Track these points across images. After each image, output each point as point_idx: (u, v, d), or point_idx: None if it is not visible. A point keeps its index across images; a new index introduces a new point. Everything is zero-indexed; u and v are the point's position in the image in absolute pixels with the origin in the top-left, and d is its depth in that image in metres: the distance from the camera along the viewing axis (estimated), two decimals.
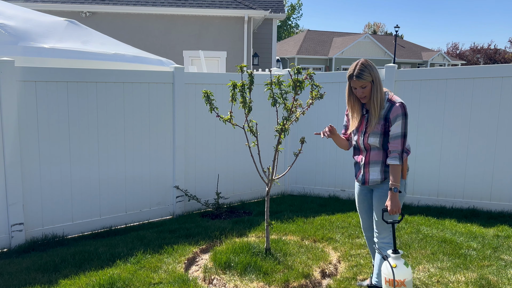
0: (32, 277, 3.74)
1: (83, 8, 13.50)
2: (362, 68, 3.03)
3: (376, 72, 3.05)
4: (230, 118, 4.06)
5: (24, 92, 4.55)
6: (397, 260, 2.94)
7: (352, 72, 3.06)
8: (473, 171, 5.72)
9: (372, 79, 3.04)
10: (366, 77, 3.02)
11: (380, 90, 3.05)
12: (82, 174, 4.99)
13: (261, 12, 14.51)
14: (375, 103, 3.05)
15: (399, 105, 3.04)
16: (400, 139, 3.03)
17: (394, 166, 3.04)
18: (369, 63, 3.07)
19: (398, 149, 3.03)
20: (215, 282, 3.70)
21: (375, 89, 3.05)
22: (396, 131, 3.03)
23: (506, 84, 5.49)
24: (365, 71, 3.02)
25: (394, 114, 3.02)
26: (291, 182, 6.90)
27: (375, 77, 3.04)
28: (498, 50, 49.28)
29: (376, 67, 3.12)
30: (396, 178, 3.02)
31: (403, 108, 3.04)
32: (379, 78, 3.07)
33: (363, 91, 3.07)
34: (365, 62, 3.06)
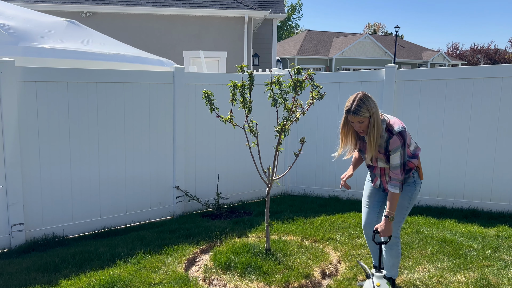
0: (32, 277, 3.74)
1: (83, 9, 13.50)
2: (359, 104, 2.97)
3: (374, 107, 3.00)
4: (230, 118, 4.06)
5: (25, 92, 4.55)
6: (381, 279, 2.99)
7: (349, 107, 3.00)
8: (473, 171, 5.72)
9: (370, 114, 2.98)
10: (363, 113, 2.97)
11: (377, 125, 3.00)
12: (82, 174, 4.99)
13: (261, 12, 14.51)
14: (371, 139, 3.02)
15: (397, 136, 3.02)
16: (399, 169, 3.06)
17: (392, 193, 3.07)
18: (367, 98, 3.00)
19: (399, 177, 3.06)
20: (215, 282, 3.70)
21: (372, 125, 3.00)
22: (395, 161, 3.05)
23: (507, 84, 5.49)
24: (363, 107, 2.96)
25: (393, 146, 3.02)
26: (291, 182, 6.90)
27: (372, 112, 2.97)
28: (498, 50, 49.28)
29: (374, 100, 3.05)
30: (393, 206, 3.05)
31: (401, 138, 3.02)
32: (377, 112, 3.01)
33: (360, 125, 3.03)
34: (363, 97, 3.00)
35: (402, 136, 3.02)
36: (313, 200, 6.42)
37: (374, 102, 3.01)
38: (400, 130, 3.02)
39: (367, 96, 3.01)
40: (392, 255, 3.33)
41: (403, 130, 3.04)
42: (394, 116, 5.92)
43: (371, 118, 2.98)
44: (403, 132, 3.03)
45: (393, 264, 3.38)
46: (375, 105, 3.00)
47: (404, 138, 3.02)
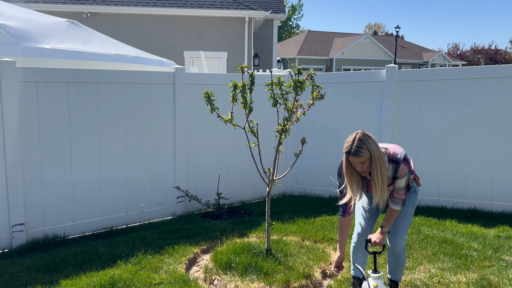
0: (33, 278, 3.74)
1: (84, 9, 13.51)
2: (359, 145, 2.84)
3: (375, 147, 2.87)
4: (231, 118, 4.06)
5: (25, 93, 4.55)
6: (378, 280, 2.99)
7: (349, 149, 2.87)
8: (473, 171, 5.71)
9: (371, 155, 2.86)
10: (364, 154, 2.84)
11: (380, 164, 2.88)
12: (83, 175, 4.99)
13: (262, 13, 14.51)
14: (376, 181, 2.91)
15: (404, 164, 3.00)
16: (404, 190, 3.09)
17: (394, 210, 3.12)
18: (367, 137, 2.87)
19: (402, 197, 3.11)
20: (216, 282, 3.70)
21: (374, 165, 2.88)
22: (401, 184, 3.06)
23: (507, 85, 5.49)
24: (363, 148, 2.84)
25: (402, 173, 3.02)
26: (291, 183, 6.90)
27: (373, 152, 2.85)
28: (499, 51, 49.26)
29: (374, 138, 2.91)
30: (391, 221, 3.12)
31: (408, 164, 3.04)
32: (378, 151, 2.88)
33: (362, 166, 2.91)
34: (362, 137, 2.87)
35: (408, 162, 3.04)
36: (313, 201, 6.41)
37: (374, 140, 2.90)
38: (404, 157, 3.03)
39: (366, 135, 2.88)
40: (400, 262, 3.33)
41: (405, 155, 3.05)
42: (393, 118, 5.96)
43: (372, 158, 2.87)
44: (407, 157, 3.06)
45: (398, 270, 3.39)
46: (375, 143, 2.88)
47: (409, 163, 3.06)
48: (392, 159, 3.00)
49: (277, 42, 17.55)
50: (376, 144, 2.89)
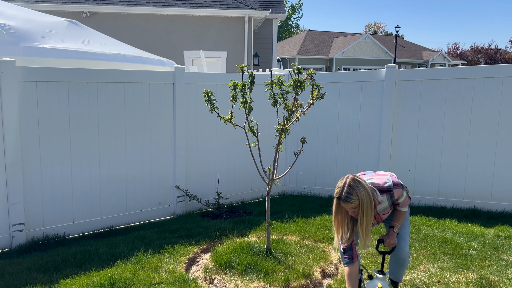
0: (33, 277, 3.74)
1: (84, 8, 13.51)
2: (349, 191, 2.83)
3: (364, 193, 2.83)
4: (231, 118, 4.06)
5: (25, 92, 4.55)
6: (383, 281, 3.00)
7: (339, 195, 2.86)
8: (473, 171, 5.72)
9: (359, 202, 2.84)
10: (353, 201, 2.83)
11: (366, 212, 2.86)
12: (83, 174, 4.99)
13: (262, 12, 14.50)
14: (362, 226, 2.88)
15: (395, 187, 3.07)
16: (407, 200, 3.17)
17: (402, 212, 3.19)
18: (357, 183, 2.85)
19: (407, 204, 3.21)
20: (215, 282, 3.70)
21: (361, 212, 2.86)
22: (403, 199, 3.14)
23: (507, 84, 5.49)
24: (353, 194, 2.82)
25: (399, 194, 3.09)
26: (291, 182, 6.90)
27: (362, 200, 2.83)
28: (498, 50, 49.25)
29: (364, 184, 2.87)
30: (400, 220, 3.18)
31: (398, 185, 3.09)
32: (367, 197, 2.85)
33: (353, 211, 2.90)
34: (352, 182, 2.85)
35: (397, 183, 3.09)
36: (313, 200, 6.42)
37: (363, 184, 2.87)
38: (393, 181, 3.09)
39: (356, 181, 2.86)
40: (404, 266, 3.35)
41: (392, 178, 3.12)
42: (393, 118, 5.96)
43: (361, 205, 2.85)
44: (394, 180, 3.11)
45: (400, 273, 3.40)
46: (365, 188, 2.86)
47: (399, 182, 3.11)
48: (383, 190, 3.05)
49: (277, 41, 17.55)
50: (365, 189, 2.86)
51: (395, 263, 3.35)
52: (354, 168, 6.37)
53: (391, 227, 3.15)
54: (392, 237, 3.12)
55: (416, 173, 5.98)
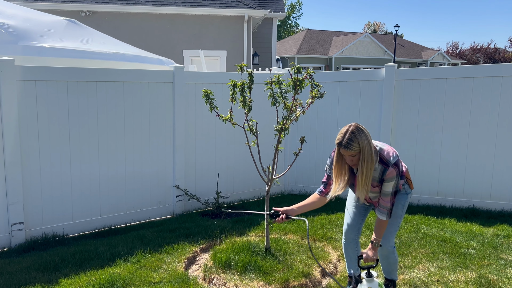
0: (32, 277, 3.74)
1: (83, 8, 13.49)
2: (351, 138, 2.81)
3: (366, 142, 2.82)
4: (230, 117, 4.06)
5: (24, 92, 4.55)
6: (371, 283, 2.97)
7: (340, 141, 2.85)
8: (472, 170, 5.72)
9: (360, 149, 2.83)
10: (354, 148, 2.82)
11: (367, 160, 2.84)
12: (82, 174, 4.99)
13: (261, 12, 14.50)
14: (361, 177, 2.88)
15: (393, 168, 2.92)
16: (389, 197, 3.00)
17: (381, 221, 3.03)
18: (359, 131, 2.84)
19: (388, 205, 3.01)
20: (215, 281, 3.71)
21: (361, 160, 2.84)
22: (388, 189, 2.98)
23: (506, 83, 5.49)
24: (354, 141, 2.81)
25: (389, 177, 2.94)
26: (291, 181, 6.90)
27: (363, 147, 2.81)
28: (498, 50, 49.26)
29: (367, 133, 2.87)
30: (380, 233, 3.02)
31: (397, 169, 2.94)
32: (369, 146, 2.84)
33: (352, 159, 2.89)
34: (355, 130, 2.83)
35: (397, 166, 2.95)
36: None
37: (366, 134, 2.86)
38: (396, 160, 2.95)
39: (360, 129, 2.85)
40: (390, 262, 3.30)
41: (397, 159, 2.96)
42: (392, 117, 5.96)
43: (362, 153, 2.83)
44: (398, 162, 2.96)
45: (391, 270, 3.36)
46: (367, 138, 2.84)
47: (399, 167, 2.97)
48: (382, 160, 2.95)
49: (276, 41, 17.54)
50: (367, 139, 2.84)
51: (382, 260, 3.33)
52: None
53: (371, 242, 3.03)
54: (370, 252, 2.99)
55: (415, 172, 5.98)
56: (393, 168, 2.92)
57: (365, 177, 2.87)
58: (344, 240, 3.42)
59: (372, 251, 3.00)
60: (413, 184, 3.24)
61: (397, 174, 2.95)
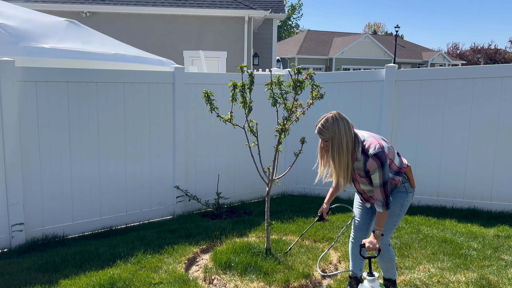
0: (32, 277, 3.74)
1: (84, 8, 13.51)
2: (324, 124, 2.94)
3: (338, 129, 2.92)
4: (231, 118, 4.06)
5: (25, 92, 4.55)
6: (373, 283, 2.98)
7: (316, 125, 3.00)
8: (473, 171, 5.72)
9: (331, 136, 2.93)
10: (325, 133, 2.94)
11: (337, 148, 2.93)
12: (82, 174, 4.99)
13: (261, 12, 14.50)
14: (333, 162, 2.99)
15: (373, 159, 2.92)
16: (379, 189, 2.98)
17: (379, 212, 3.03)
18: (336, 119, 2.94)
19: (380, 197, 3.00)
20: (215, 282, 3.70)
21: (332, 147, 2.95)
22: (375, 182, 2.99)
23: (507, 84, 5.49)
24: (325, 128, 2.93)
25: (372, 168, 2.95)
26: (291, 182, 6.90)
27: (334, 134, 2.92)
28: (498, 50, 49.26)
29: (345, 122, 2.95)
30: (381, 223, 3.03)
31: (378, 159, 2.92)
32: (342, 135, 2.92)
33: (325, 144, 3.01)
34: (332, 116, 2.95)
35: (378, 158, 2.92)
36: (313, 200, 6.41)
37: (344, 124, 2.93)
38: (376, 152, 2.92)
39: (337, 117, 2.94)
40: (384, 260, 3.27)
41: (380, 151, 2.93)
42: (393, 117, 5.96)
43: (332, 140, 2.93)
44: (379, 153, 2.93)
45: (387, 268, 3.33)
46: (344, 127, 2.93)
47: (381, 159, 2.93)
48: (363, 151, 2.98)
49: (276, 41, 17.55)
50: (342, 128, 2.93)
51: (380, 259, 3.31)
52: None
53: (372, 231, 3.04)
54: (371, 241, 2.99)
55: (415, 173, 5.97)
56: (373, 159, 2.92)
57: (338, 164, 2.99)
58: (351, 238, 3.42)
59: (374, 240, 3.00)
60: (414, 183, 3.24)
61: (378, 165, 2.91)
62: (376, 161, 2.92)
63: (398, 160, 3.17)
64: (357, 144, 3.00)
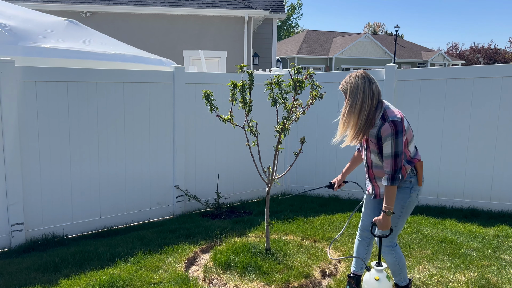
0: (32, 277, 3.74)
1: (83, 8, 13.51)
2: (346, 79, 3.00)
3: (356, 86, 2.92)
4: (230, 118, 4.06)
5: (24, 92, 4.55)
6: (380, 273, 2.96)
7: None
8: (473, 170, 5.72)
9: (346, 90, 2.96)
10: (343, 87, 2.99)
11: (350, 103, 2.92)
12: (82, 174, 4.99)
13: (261, 12, 14.51)
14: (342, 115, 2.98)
15: (389, 124, 2.86)
16: (390, 159, 2.89)
17: (386, 187, 2.93)
18: (358, 77, 2.94)
19: (389, 169, 2.90)
20: (215, 282, 3.70)
21: (347, 105, 2.94)
22: (386, 151, 2.90)
23: (506, 84, 5.49)
24: (346, 81, 2.98)
25: (384, 134, 2.88)
26: (291, 182, 6.90)
27: (351, 90, 2.93)
28: (498, 50, 49.28)
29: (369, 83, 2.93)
30: (389, 200, 2.92)
31: (393, 126, 2.86)
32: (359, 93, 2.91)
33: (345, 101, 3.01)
34: (355, 74, 2.98)
35: (394, 125, 2.85)
36: (313, 200, 6.42)
37: (365, 83, 2.92)
38: (394, 119, 2.87)
39: (360, 75, 2.96)
40: (388, 262, 3.19)
41: (398, 120, 2.87)
42: None
43: (348, 95, 2.96)
44: (397, 122, 2.86)
45: (393, 271, 3.24)
46: (364, 86, 2.91)
47: (396, 127, 2.85)
48: (383, 116, 2.92)
49: (276, 41, 17.55)
50: (363, 87, 2.92)
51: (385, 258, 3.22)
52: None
53: (382, 211, 2.96)
54: (384, 220, 2.93)
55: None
56: (389, 124, 2.86)
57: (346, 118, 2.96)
58: (358, 236, 3.42)
59: (383, 219, 2.94)
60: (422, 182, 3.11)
61: (392, 132, 2.85)
62: (391, 127, 2.85)
63: (414, 150, 3.10)
64: (379, 108, 2.95)
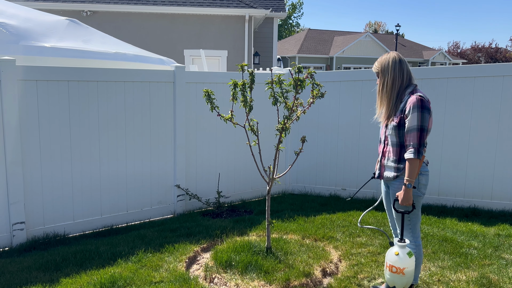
0: (33, 276, 3.75)
1: (84, 7, 13.51)
2: (379, 59, 3.19)
3: (388, 65, 3.10)
4: (231, 117, 4.06)
5: (25, 91, 4.55)
6: (402, 248, 2.99)
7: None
8: (474, 170, 5.71)
9: (379, 71, 3.15)
10: (375, 67, 3.18)
11: (386, 86, 3.09)
12: (83, 173, 4.99)
13: (262, 11, 14.50)
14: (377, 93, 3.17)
15: (416, 97, 2.95)
16: (415, 132, 2.92)
17: (409, 160, 2.94)
18: (391, 58, 3.11)
19: (415, 142, 2.92)
20: (216, 281, 3.71)
21: (380, 84, 3.14)
22: (412, 124, 2.94)
23: (507, 83, 5.48)
24: (378, 61, 3.17)
25: (409, 106, 2.95)
26: (292, 181, 6.90)
27: (383, 69, 3.11)
28: (499, 49, 49.19)
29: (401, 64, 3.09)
30: (411, 174, 2.94)
31: (420, 100, 2.93)
32: (391, 72, 3.09)
33: (378, 80, 3.20)
34: (389, 54, 3.14)
35: (421, 100, 2.93)
36: (313, 199, 6.42)
37: (396, 64, 3.09)
38: (422, 97, 2.96)
39: (392, 56, 3.12)
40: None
41: (425, 99, 2.96)
42: None
43: (380, 74, 3.14)
44: (425, 99, 2.96)
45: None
46: (394, 66, 3.08)
47: (423, 102, 2.93)
48: (412, 91, 3.05)
49: (277, 40, 17.55)
50: (394, 66, 3.08)
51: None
52: (354, 167, 6.37)
53: (403, 184, 2.97)
54: (405, 194, 2.94)
55: None
56: (416, 97, 2.97)
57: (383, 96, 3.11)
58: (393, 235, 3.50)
59: (405, 193, 2.96)
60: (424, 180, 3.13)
61: (418, 105, 2.93)
62: (418, 100, 2.95)
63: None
64: (409, 87, 3.09)
